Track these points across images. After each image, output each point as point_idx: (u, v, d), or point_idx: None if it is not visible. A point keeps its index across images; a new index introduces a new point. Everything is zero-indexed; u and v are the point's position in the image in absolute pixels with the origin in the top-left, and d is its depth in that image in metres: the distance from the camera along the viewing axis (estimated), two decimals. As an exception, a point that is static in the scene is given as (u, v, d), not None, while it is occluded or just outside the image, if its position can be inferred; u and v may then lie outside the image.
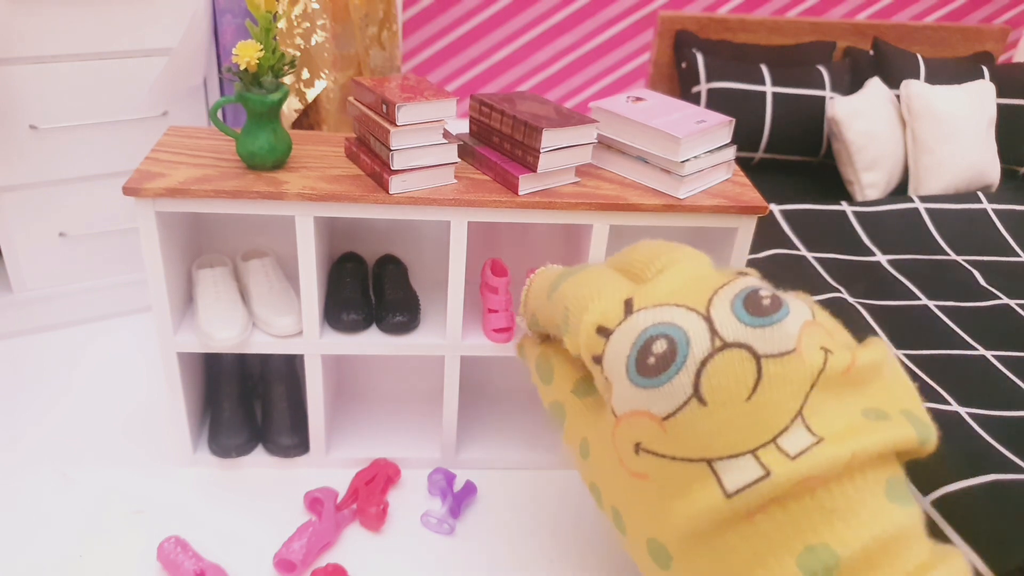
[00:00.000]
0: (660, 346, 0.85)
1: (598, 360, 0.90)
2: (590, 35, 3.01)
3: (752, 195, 1.59)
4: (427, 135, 1.46)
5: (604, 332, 0.91)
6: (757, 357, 0.86)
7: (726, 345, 0.86)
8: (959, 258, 2.11)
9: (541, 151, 1.47)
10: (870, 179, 2.38)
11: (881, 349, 1.02)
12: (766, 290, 0.96)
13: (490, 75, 3.04)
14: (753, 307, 0.90)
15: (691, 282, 0.96)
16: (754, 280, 0.97)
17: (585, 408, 0.98)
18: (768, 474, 0.81)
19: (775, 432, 0.84)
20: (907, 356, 1.66)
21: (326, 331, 1.68)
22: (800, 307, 0.96)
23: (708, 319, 0.88)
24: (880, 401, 0.95)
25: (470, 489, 1.74)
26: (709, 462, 0.79)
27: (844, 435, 0.87)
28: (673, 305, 0.91)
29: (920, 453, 0.97)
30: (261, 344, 1.64)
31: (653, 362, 0.83)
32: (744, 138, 2.52)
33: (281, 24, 2.08)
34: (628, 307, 0.93)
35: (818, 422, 0.87)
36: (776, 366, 0.86)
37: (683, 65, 2.64)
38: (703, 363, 0.84)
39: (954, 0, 3.14)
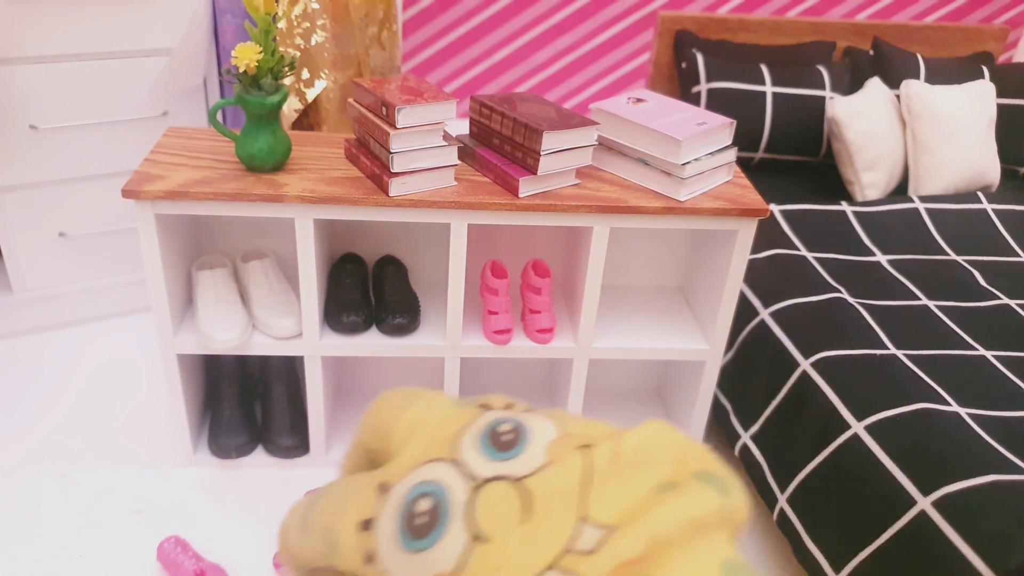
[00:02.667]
0: (423, 504, 0.83)
1: (371, 558, 0.86)
2: (590, 35, 3.01)
3: (753, 197, 1.59)
4: (427, 137, 1.46)
5: (367, 524, 0.87)
6: (515, 481, 0.87)
7: (483, 482, 0.83)
8: (959, 258, 2.11)
9: (541, 153, 1.47)
10: (870, 179, 2.38)
11: (655, 425, 1.02)
12: (506, 423, 0.99)
13: (490, 75, 3.04)
14: (496, 444, 0.93)
15: (435, 436, 0.96)
16: (493, 414, 1.00)
17: None
18: None
19: (565, 540, 0.85)
20: (907, 356, 1.67)
21: (326, 333, 1.68)
22: (545, 428, 0.97)
23: (459, 464, 0.93)
24: (670, 473, 0.97)
25: None
26: None
27: (637, 514, 0.89)
28: (423, 464, 0.93)
29: (736, 519, 0.97)
30: (261, 345, 1.64)
31: (421, 521, 0.81)
32: (744, 138, 2.52)
33: (281, 24, 2.08)
34: (383, 489, 0.95)
35: (605, 515, 0.87)
36: (537, 482, 0.87)
37: (683, 65, 2.64)
38: (469, 505, 0.82)
39: (954, 0, 3.14)
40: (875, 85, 2.46)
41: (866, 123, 2.37)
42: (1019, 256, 2.15)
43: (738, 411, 1.86)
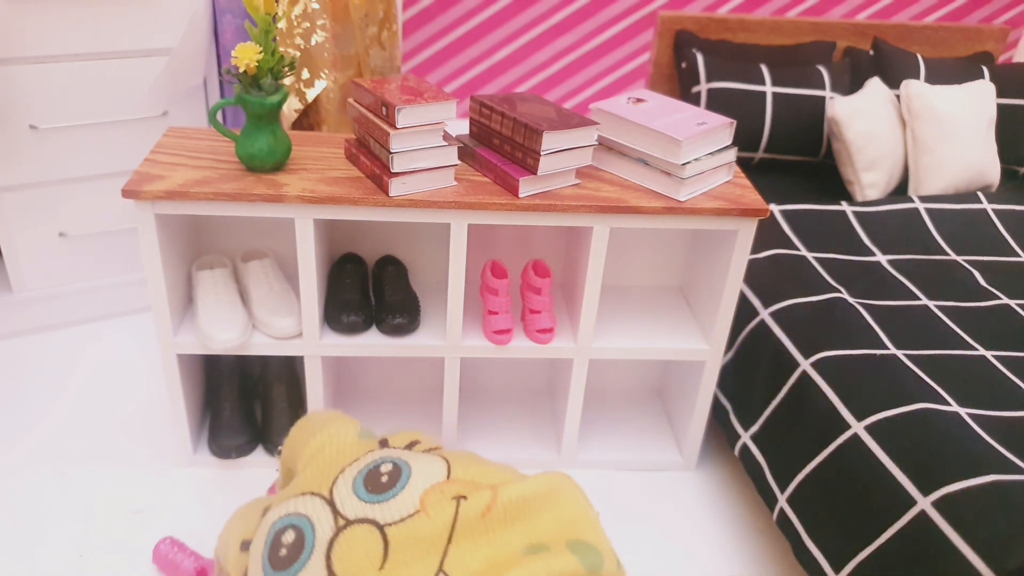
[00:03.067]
0: (288, 536, 0.87)
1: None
2: (590, 35, 3.01)
3: (753, 197, 1.59)
4: (427, 137, 1.46)
5: (245, 546, 0.95)
6: (380, 527, 0.87)
7: (348, 523, 0.88)
8: (959, 258, 2.11)
9: (541, 153, 1.47)
10: (870, 179, 2.38)
11: (550, 481, 0.98)
12: (387, 463, 0.98)
13: (490, 75, 3.04)
14: (372, 484, 0.93)
15: (326, 467, 0.99)
16: (380, 453, 0.99)
17: None
18: None
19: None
20: (907, 356, 1.67)
21: (326, 333, 1.68)
22: (431, 472, 0.95)
23: (331, 502, 0.91)
24: (543, 534, 0.92)
25: None
26: None
27: (492, 573, 0.86)
28: (298, 495, 0.95)
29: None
30: (261, 346, 1.64)
31: (284, 553, 0.86)
32: (744, 138, 2.52)
33: (281, 24, 2.08)
34: (264, 513, 0.98)
35: (461, 571, 0.86)
36: (401, 530, 0.87)
37: (683, 65, 2.64)
38: (330, 544, 0.86)
39: (954, 0, 3.14)
40: (875, 85, 2.46)
41: (866, 123, 2.37)
42: (1019, 256, 2.15)
43: (738, 411, 1.86)
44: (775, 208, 2.21)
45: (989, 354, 1.71)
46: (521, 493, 0.94)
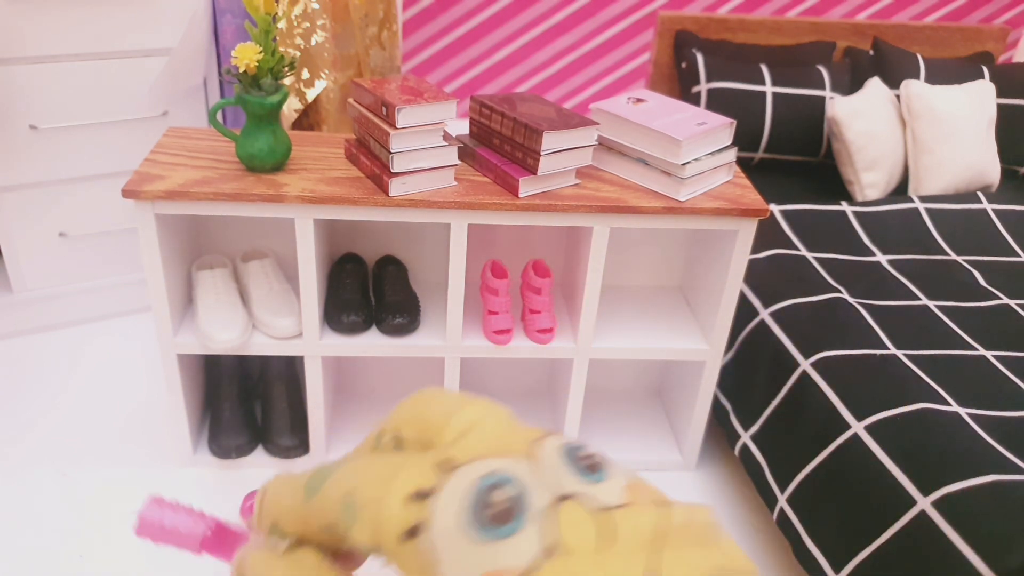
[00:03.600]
0: (499, 495, 0.83)
1: (413, 533, 0.86)
2: (590, 35, 3.01)
3: (753, 197, 1.59)
4: (427, 137, 1.46)
5: (422, 495, 0.88)
6: (598, 510, 0.85)
7: (565, 496, 0.85)
8: (959, 258, 2.11)
9: (541, 153, 1.47)
10: (870, 179, 2.38)
11: (708, 512, 1.03)
12: (585, 449, 0.99)
13: (490, 75, 3.04)
14: (578, 462, 0.91)
15: (502, 437, 0.92)
16: (567, 438, 1.01)
17: None
18: None
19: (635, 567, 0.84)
20: (907, 356, 1.67)
21: (326, 333, 1.68)
22: (620, 468, 0.97)
23: (540, 470, 0.88)
24: (729, 560, 0.97)
25: None
26: None
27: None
28: (500, 457, 0.90)
29: None
30: (261, 346, 1.64)
31: (496, 511, 0.81)
32: (744, 138, 2.52)
33: (281, 24, 2.08)
34: (446, 466, 0.90)
35: (676, 570, 0.86)
36: (618, 516, 0.85)
37: (683, 65, 2.64)
38: (547, 513, 0.83)
39: (954, 0, 3.14)
40: (875, 85, 2.46)
41: (866, 123, 2.37)
42: (1019, 256, 2.15)
43: (738, 411, 1.86)
44: (775, 208, 2.21)
45: (989, 354, 1.71)
46: (707, 517, 0.98)
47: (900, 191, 2.49)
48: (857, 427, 1.52)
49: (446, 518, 0.85)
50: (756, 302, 1.90)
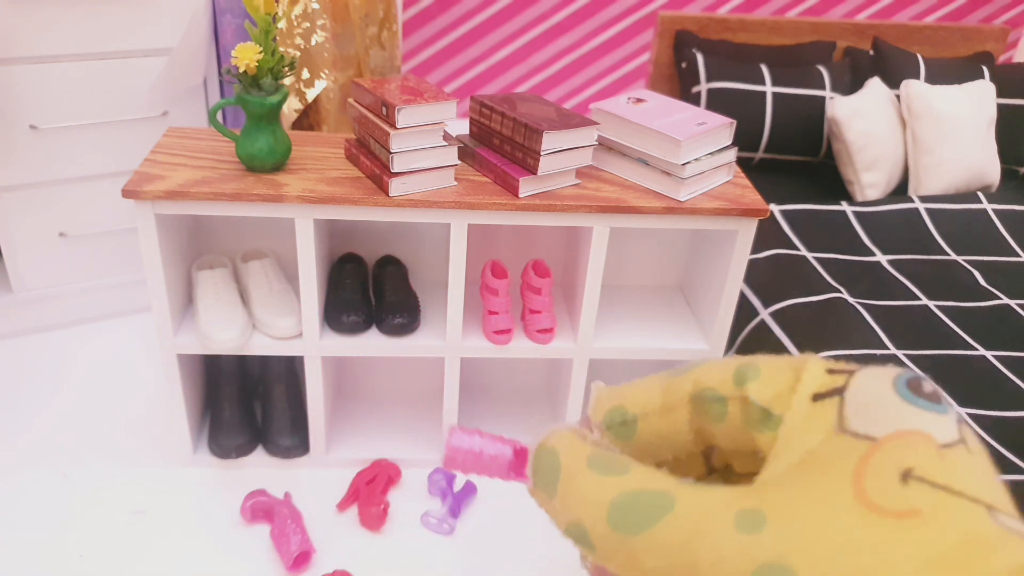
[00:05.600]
0: (928, 386, 0.83)
1: (832, 394, 0.84)
2: (590, 35, 3.01)
3: (753, 197, 1.59)
4: (427, 137, 1.46)
5: (839, 372, 0.87)
6: (960, 440, 0.92)
7: (960, 419, 0.92)
8: (959, 258, 2.11)
9: (541, 153, 1.47)
10: (870, 179, 2.38)
11: None
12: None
13: (490, 75, 3.04)
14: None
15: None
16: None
17: (725, 489, 0.88)
18: None
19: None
20: (907, 356, 1.67)
21: (326, 333, 1.68)
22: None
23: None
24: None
25: (470, 489, 1.74)
26: (989, 508, 0.75)
27: None
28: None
29: None
30: (261, 346, 1.64)
31: (928, 391, 0.81)
32: (744, 138, 2.52)
33: (281, 24, 2.08)
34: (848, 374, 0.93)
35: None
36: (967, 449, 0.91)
37: (683, 65, 2.64)
38: (960, 420, 0.87)
39: (954, 0, 3.14)
40: (875, 85, 2.45)
41: (866, 123, 2.37)
42: (1019, 256, 2.15)
43: (738, 411, 1.85)
44: (775, 208, 2.21)
45: (989, 354, 1.71)
46: None
47: (900, 191, 2.49)
48: (857, 427, 1.51)
49: (875, 381, 0.78)
50: (756, 302, 1.90)
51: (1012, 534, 0.64)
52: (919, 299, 1.90)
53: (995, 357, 1.71)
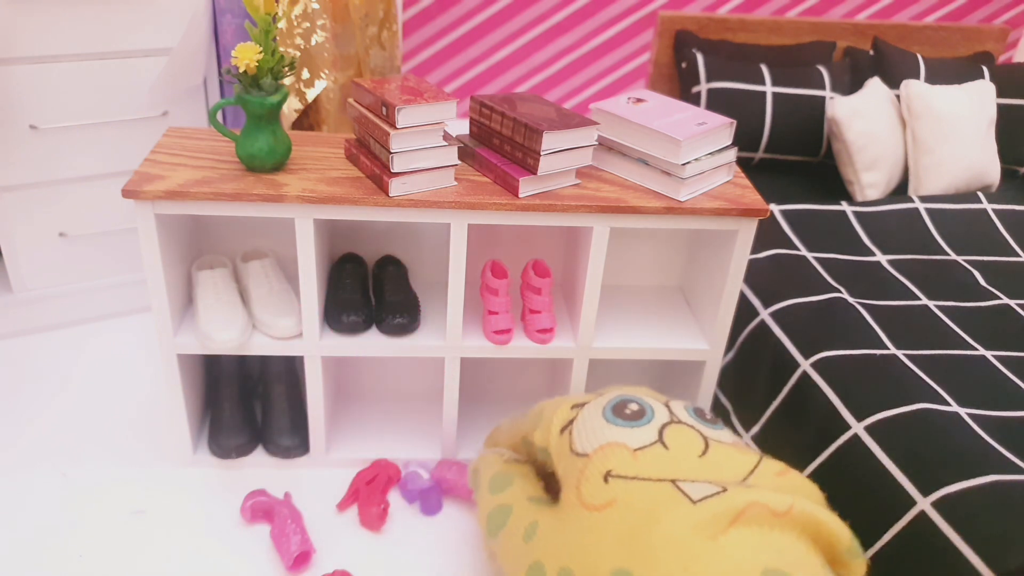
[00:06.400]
0: (633, 407, 1.11)
1: (568, 425, 1.12)
2: (590, 35, 3.01)
3: (753, 197, 1.59)
4: (427, 137, 1.46)
5: (578, 406, 1.16)
6: (705, 437, 1.12)
7: (681, 421, 1.12)
8: (959, 258, 2.11)
9: (541, 153, 1.47)
10: (870, 179, 2.38)
11: (811, 484, 1.31)
12: (705, 409, 1.37)
13: (490, 75, 3.04)
14: (700, 414, 1.22)
15: (644, 391, 1.31)
16: (684, 405, 1.28)
17: (535, 506, 1.14)
18: (725, 490, 0.98)
19: (728, 479, 1.06)
20: (907, 356, 1.67)
21: (326, 333, 1.68)
22: (732, 434, 1.26)
23: (667, 405, 1.17)
24: (810, 499, 1.22)
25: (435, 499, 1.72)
26: (674, 482, 0.97)
27: (786, 494, 1.09)
28: (638, 393, 1.22)
29: (845, 561, 1.21)
30: (261, 346, 1.64)
31: (628, 411, 1.09)
32: (744, 138, 2.52)
33: (281, 24, 2.08)
34: (573, 408, 1.18)
35: (765, 485, 1.11)
36: (721, 447, 1.11)
37: (683, 65, 2.64)
38: (664, 425, 1.09)
39: (954, 0, 3.14)
40: (875, 85, 2.45)
41: (866, 123, 2.37)
42: (1019, 256, 2.15)
43: (739, 411, 1.86)
44: (775, 208, 2.21)
45: (989, 354, 1.71)
46: (803, 480, 1.25)
47: (900, 191, 2.49)
48: (857, 427, 1.52)
49: (590, 412, 0.99)
50: (756, 302, 1.90)
51: (686, 492, 0.86)
52: (919, 299, 1.90)
53: (995, 357, 1.70)
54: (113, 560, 1.56)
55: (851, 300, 1.85)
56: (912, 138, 2.41)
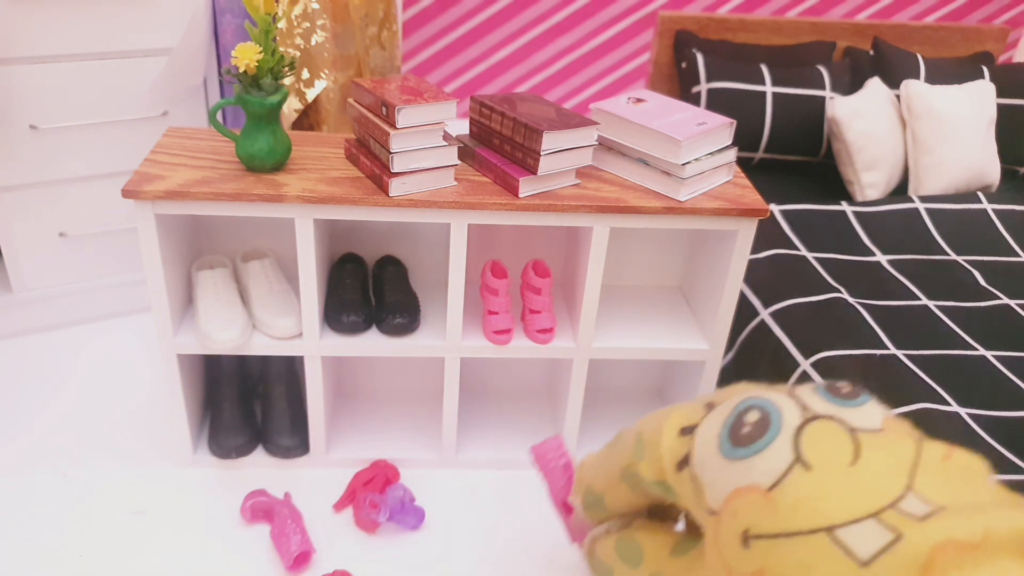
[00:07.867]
0: (753, 416, 0.84)
1: (684, 463, 0.88)
2: (590, 35, 3.01)
3: (753, 197, 1.59)
4: (427, 138, 1.46)
5: (688, 430, 0.91)
6: (850, 429, 0.86)
7: (817, 416, 0.86)
8: (959, 258, 2.11)
9: (541, 153, 1.47)
10: (870, 179, 2.38)
11: (979, 460, 0.96)
12: (841, 382, 0.99)
13: (490, 75, 3.04)
14: (835, 392, 0.93)
15: (763, 388, 1.00)
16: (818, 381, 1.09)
17: (688, 564, 0.96)
18: (900, 537, 0.74)
19: (892, 498, 0.79)
20: (907, 356, 1.67)
21: (326, 333, 1.68)
22: (880, 406, 0.97)
23: (793, 396, 0.90)
24: (995, 498, 0.88)
25: (416, 515, 1.69)
26: (829, 531, 0.73)
27: (971, 509, 0.80)
28: (751, 391, 0.94)
29: None
30: (261, 346, 1.64)
31: (748, 431, 0.82)
32: (744, 138, 2.52)
33: (281, 24, 2.08)
34: (709, 407, 0.94)
35: (934, 495, 0.81)
36: (871, 439, 0.86)
37: (683, 65, 2.64)
38: (798, 430, 0.83)
39: (954, 0, 3.14)
40: (875, 85, 2.45)
41: (866, 123, 2.37)
42: (1019, 256, 2.15)
43: (738, 411, 1.85)
44: (775, 208, 2.21)
45: (989, 354, 1.71)
46: (971, 459, 0.93)
47: (900, 191, 2.49)
48: (857, 427, 1.51)
49: (704, 446, 0.78)
50: (756, 302, 1.90)
51: (850, 548, 0.69)
52: (919, 299, 1.90)
53: (995, 357, 1.71)
54: (113, 560, 1.56)
55: (851, 300, 1.85)
56: (912, 138, 2.41)
